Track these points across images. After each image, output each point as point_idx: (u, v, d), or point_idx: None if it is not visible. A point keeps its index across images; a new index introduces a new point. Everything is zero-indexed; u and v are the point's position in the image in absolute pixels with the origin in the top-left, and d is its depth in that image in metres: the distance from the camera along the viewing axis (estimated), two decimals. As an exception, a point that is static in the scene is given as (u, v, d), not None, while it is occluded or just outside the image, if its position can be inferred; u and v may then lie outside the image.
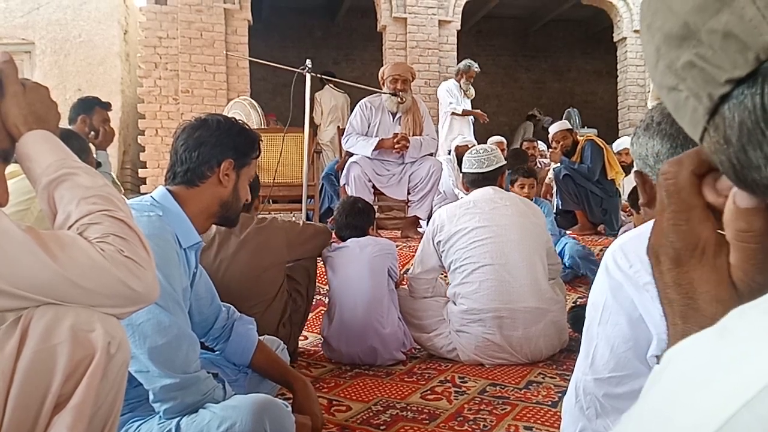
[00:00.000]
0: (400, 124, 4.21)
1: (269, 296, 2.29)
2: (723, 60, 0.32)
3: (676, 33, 0.35)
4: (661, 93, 0.39)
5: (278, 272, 2.36)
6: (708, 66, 0.33)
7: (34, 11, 6.51)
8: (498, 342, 2.40)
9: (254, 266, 2.25)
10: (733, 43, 0.32)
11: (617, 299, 0.91)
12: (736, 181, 0.36)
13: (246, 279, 2.21)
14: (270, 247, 2.33)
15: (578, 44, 11.05)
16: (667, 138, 0.98)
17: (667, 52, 0.36)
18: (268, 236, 2.35)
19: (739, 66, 0.32)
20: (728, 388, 0.27)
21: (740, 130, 0.33)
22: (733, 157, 0.35)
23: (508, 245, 2.49)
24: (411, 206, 4.27)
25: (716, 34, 0.32)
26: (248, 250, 2.26)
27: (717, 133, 0.35)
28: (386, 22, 7.50)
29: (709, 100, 0.34)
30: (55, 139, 1.01)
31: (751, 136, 0.33)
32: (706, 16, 0.32)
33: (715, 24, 0.32)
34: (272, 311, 2.30)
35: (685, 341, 0.33)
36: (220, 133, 1.54)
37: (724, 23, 0.32)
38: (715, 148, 0.36)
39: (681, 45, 0.35)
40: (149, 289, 0.95)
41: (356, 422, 1.83)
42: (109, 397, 0.95)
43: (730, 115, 0.34)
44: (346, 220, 2.71)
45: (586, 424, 0.98)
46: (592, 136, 4.96)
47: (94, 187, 0.97)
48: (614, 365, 0.94)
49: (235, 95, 6.50)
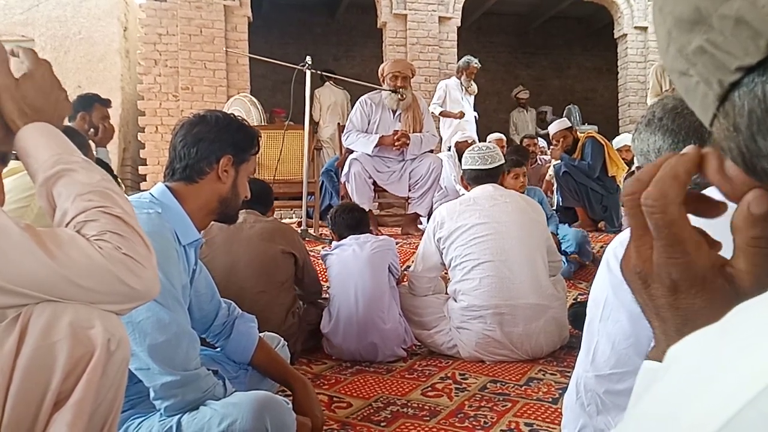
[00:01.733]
0: (400, 120, 4.21)
1: (278, 281, 2.39)
2: (734, 46, 0.32)
3: (688, 17, 0.34)
4: (672, 77, 0.39)
5: (288, 261, 2.44)
6: (719, 52, 0.33)
7: (34, 8, 6.50)
8: (498, 338, 2.40)
9: (267, 248, 2.38)
10: (744, 30, 0.31)
11: (618, 296, 0.91)
12: (745, 169, 0.36)
13: (259, 258, 2.35)
14: (284, 233, 2.49)
15: (578, 41, 11.03)
16: (668, 133, 0.98)
17: (678, 36, 0.36)
18: (283, 227, 2.55)
19: (751, 53, 0.31)
20: (731, 386, 0.27)
21: (750, 118, 0.33)
22: (743, 144, 0.34)
23: (509, 242, 2.49)
24: (411, 203, 4.27)
25: (728, 20, 0.32)
26: (263, 232, 2.40)
27: (727, 120, 0.35)
28: (386, 18, 7.49)
29: (720, 87, 0.34)
30: (53, 132, 0.98)
31: (761, 125, 0.32)
32: (718, 2, 0.32)
33: (727, 10, 0.32)
34: (281, 298, 2.39)
35: (687, 339, 0.33)
36: (219, 129, 1.53)
37: (737, 9, 0.31)
38: (724, 135, 0.35)
39: (692, 29, 0.34)
40: (148, 287, 0.94)
41: (357, 419, 1.83)
42: (110, 395, 0.94)
43: (740, 102, 0.33)
44: (344, 219, 2.74)
45: (587, 421, 0.98)
46: (592, 133, 4.96)
47: (90, 183, 0.95)
48: (615, 362, 0.93)
49: (235, 92, 6.49)
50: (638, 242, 0.43)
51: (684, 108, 0.98)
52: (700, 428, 0.27)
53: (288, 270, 2.44)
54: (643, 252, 0.42)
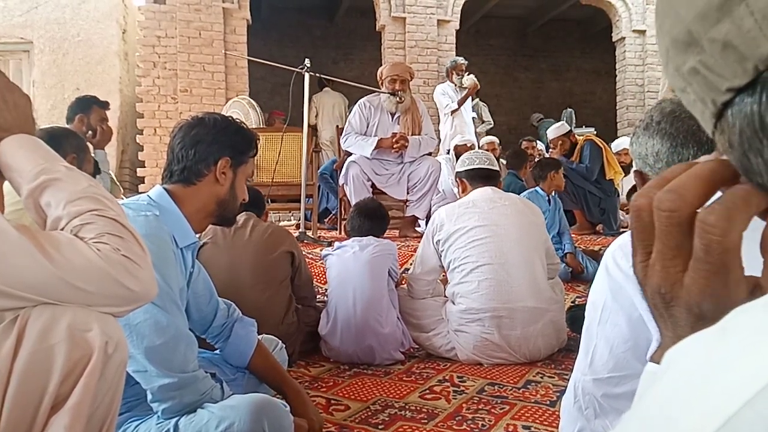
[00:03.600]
0: (399, 123, 4.21)
1: (278, 279, 2.41)
2: (723, 69, 0.33)
3: (682, 39, 0.35)
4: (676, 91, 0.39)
5: (286, 260, 2.46)
6: (710, 74, 0.34)
7: (33, 10, 6.50)
8: (496, 341, 2.40)
9: (271, 248, 2.40)
10: (731, 53, 0.32)
11: (617, 299, 0.91)
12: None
13: (262, 257, 2.37)
14: (287, 234, 2.54)
15: (577, 44, 11.06)
16: (667, 137, 0.98)
17: (674, 56, 0.37)
18: (284, 229, 2.61)
19: (739, 75, 0.32)
20: (729, 387, 0.27)
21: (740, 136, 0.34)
22: (737, 161, 0.35)
23: (507, 244, 2.49)
24: (409, 206, 4.27)
25: (717, 43, 0.33)
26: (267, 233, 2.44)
27: (723, 136, 0.35)
28: (385, 21, 7.49)
29: (714, 106, 0.35)
30: (33, 142, 0.97)
31: (752, 144, 0.33)
32: (707, 25, 0.33)
33: (716, 33, 0.32)
34: (280, 296, 2.41)
35: (685, 341, 0.33)
36: (217, 131, 1.53)
37: (725, 33, 0.32)
38: (723, 149, 0.36)
39: (686, 51, 0.35)
40: (146, 288, 0.94)
41: (355, 421, 1.83)
42: (107, 397, 0.94)
43: (732, 121, 0.34)
44: (362, 222, 2.72)
45: (584, 424, 0.98)
46: (591, 136, 4.97)
47: (77, 189, 0.94)
48: (613, 365, 0.93)
49: (233, 94, 6.49)
50: (668, 262, 0.39)
51: (682, 112, 0.99)
52: (698, 430, 0.27)
53: (286, 268, 2.46)
54: (673, 274, 0.39)
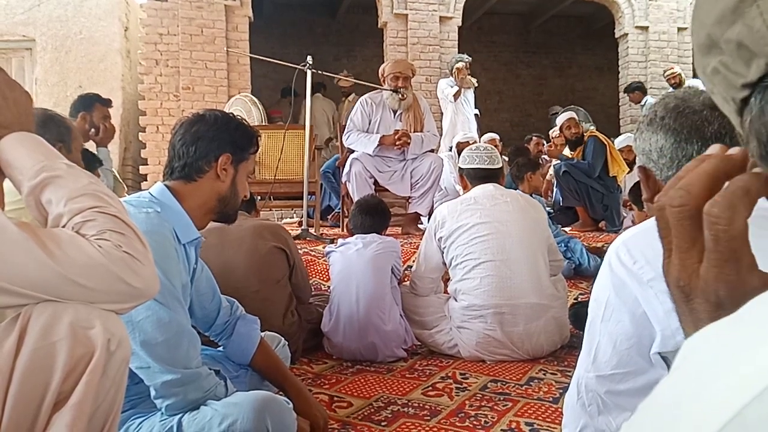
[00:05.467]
0: (401, 120, 4.21)
1: (273, 279, 2.36)
2: (739, 66, 0.37)
3: (704, 42, 0.40)
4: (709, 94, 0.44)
5: (281, 258, 2.41)
6: (728, 73, 0.38)
7: (35, 8, 6.50)
8: (499, 338, 2.40)
9: (258, 244, 2.35)
10: (744, 52, 0.36)
11: (620, 296, 0.91)
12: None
13: (251, 255, 2.32)
14: (273, 230, 2.46)
15: (579, 40, 11.02)
16: (671, 133, 0.98)
17: (700, 59, 0.41)
18: (271, 224, 2.55)
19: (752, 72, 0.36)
20: (739, 379, 0.27)
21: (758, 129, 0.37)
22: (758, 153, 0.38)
23: (509, 241, 2.49)
24: (412, 203, 4.27)
25: (732, 43, 0.37)
26: (252, 229, 2.38)
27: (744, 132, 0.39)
28: (387, 18, 7.48)
29: (734, 103, 0.39)
30: (33, 140, 0.96)
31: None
32: (724, 28, 0.37)
33: (731, 34, 0.36)
34: (277, 296, 2.37)
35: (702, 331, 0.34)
36: (218, 128, 1.53)
37: (737, 33, 0.36)
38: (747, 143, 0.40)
39: (708, 53, 0.40)
40: (148, 285, 0.94)
41: (358, 418, 1.83)
42: (110, 395, 0.94)
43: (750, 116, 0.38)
44: (363, 219, 2.71)
45: (587, 421, 0.98)
46: (595, 132, 4.95)
47: (78, 186, 0.94)
48: (617, 362, 0.93)
49: (235, 92, 6.49)
50: (684, 255, 0.42)
51: (686, 107, 0.98)
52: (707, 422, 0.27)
53: (282, 268, 2.41)
54: (689, 266, 0.42)
